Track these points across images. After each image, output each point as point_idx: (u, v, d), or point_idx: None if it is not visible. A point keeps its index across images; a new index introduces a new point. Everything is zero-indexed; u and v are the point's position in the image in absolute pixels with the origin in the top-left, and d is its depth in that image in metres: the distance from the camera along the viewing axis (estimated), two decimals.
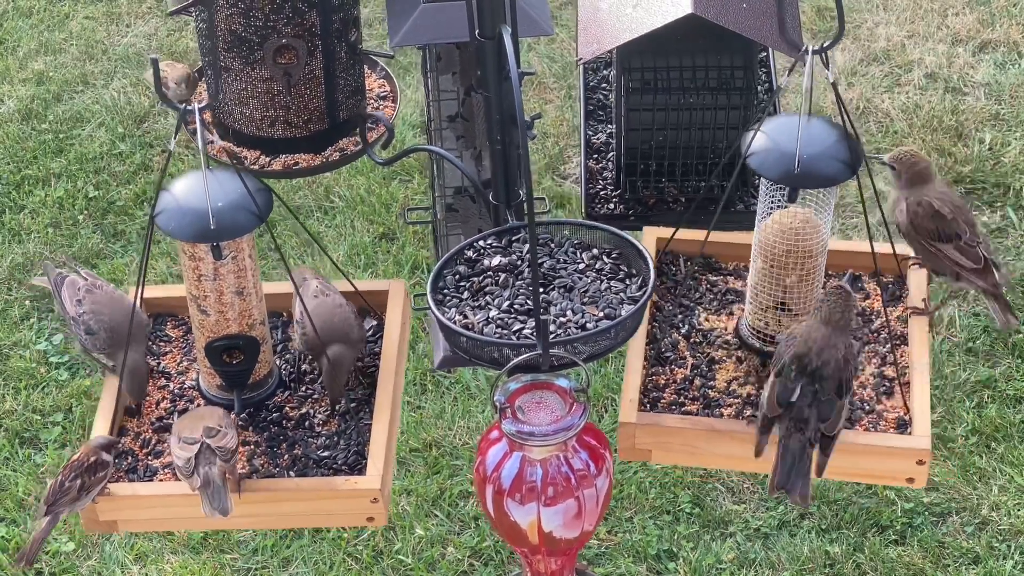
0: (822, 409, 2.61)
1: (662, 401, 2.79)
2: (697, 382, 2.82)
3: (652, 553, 4.10)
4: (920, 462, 2.71)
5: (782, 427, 2.63)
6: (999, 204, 4.97)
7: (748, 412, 2.76)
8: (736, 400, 2.79)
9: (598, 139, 3.28)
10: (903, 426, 2.76)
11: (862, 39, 5.64)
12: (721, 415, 2.76)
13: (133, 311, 2.80)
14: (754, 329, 2.82)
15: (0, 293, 4.88)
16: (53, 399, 4.54)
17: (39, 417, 4.50)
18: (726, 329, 2.90)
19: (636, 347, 2.84)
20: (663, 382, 2.82)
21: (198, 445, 2.65)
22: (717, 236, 2.95)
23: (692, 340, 2.89)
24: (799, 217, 2.70)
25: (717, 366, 2.85)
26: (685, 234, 2.95)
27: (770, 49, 3.23)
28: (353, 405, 2.86)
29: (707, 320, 2.93)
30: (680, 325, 2.91)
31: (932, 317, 2.93)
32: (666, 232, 2.97)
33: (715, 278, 3.00)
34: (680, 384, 2.82)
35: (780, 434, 2.63)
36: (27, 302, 4.80)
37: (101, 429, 2.80)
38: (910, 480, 2.74)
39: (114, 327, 2.87)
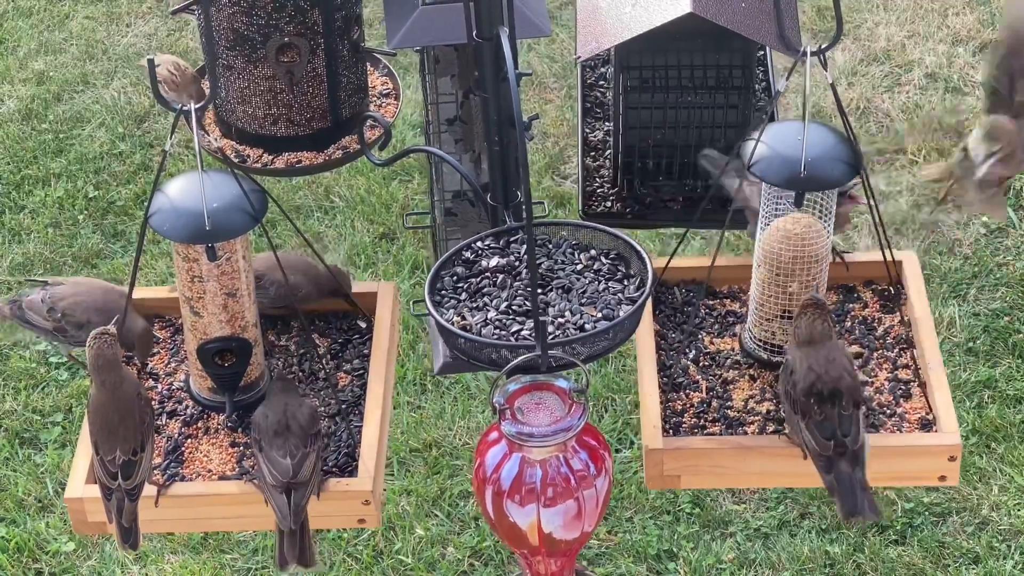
0: (843, 426, 2.60)
1: (684, 426, 2.78)
2: (715, 404, 2.81)
3: (652, 553, 4.09)
4: (952, 458, 2.70)
5: (824, 457, 2.62)
6: None
7: (772, 428, 2.76)
8: (757, 417, 2.78)
9: (595, 137, 3.28)
10: (927, 425, 2.75)
11: (862, 39, 5.64)
12: (746, 433, 2.76)
13: (128, 298, 2.79)
14: (760, 341, 2.81)
15: (0, 293, 4.88)
16: (53, 399, 4.54)
17: (39, 417, 4.50)
18: (733, 350, 2.90)
19: (649, 375, 2.83)
20: (680, 407, 2.81)
21: (115, 483, 2.64)
22: (707, 261, 2.93)
23: (702, 364, 2.88)
24: (802, 223, 2.69)
25: (731, 386, 2.84)
26: (678, 262, 2.96)
27: (767, 48, 3.23)
28: (344, 403, 2.86)
29: (712, 343, 2.92)
30: (687, 351, 2.90)
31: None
32: (660, 261, 2.96)
33: (712, 302, 3.00)
34: (698, 407, 2.81)
35: (823, 464, 2.62)
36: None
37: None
38: (942, 478, 2.73)
39: (98, 306, 2.87)
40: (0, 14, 6.00)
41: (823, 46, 2.57)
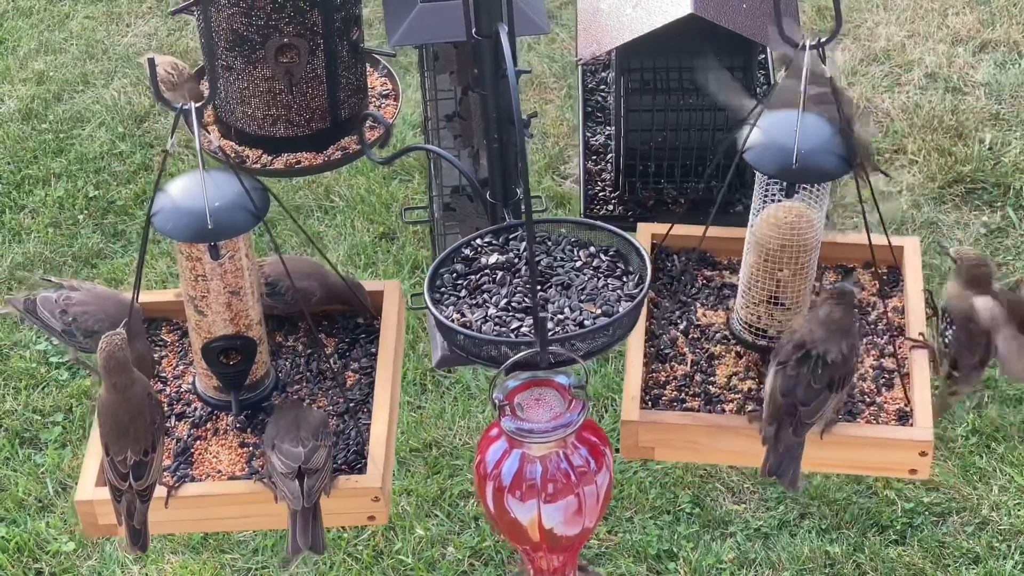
0: (807, 395, 2.61)
1: (663, 398, 2.79)
2: (698, 378, 2.82)
3: (652, 553, 4.09)
4: (923, 453, 2.71)
5: (774, 406, 2.64)
6: (999, 204, 4.97)
7: (750, 407, 2.76)
8: (737, 395, 2.79)
9: (596, 141, 3.28)
10: (904, 418, 2.76)
11: (862, 39, 5.64)
12: (723, 411, 2.77)
13: (132, 304, 2.79)
14: (746, 323, 2.82)
15: (0, 293, 4.88)
16: (53, 399, 4.54)
17: (39, 417, 4.50)
18: (724, 324, 2.91)
19: (635, 345, 2.84)
20: (664, 379, 2.83)
21: (126, 484, 2.63)
22: (711, 231, 2.94)
23: (691, 336, 2.89)
24: (793, 212, 2.70)
25: (717, 362, 2.85)
26: (679, 230, 2.96)
27: (768, 50, 3.24)
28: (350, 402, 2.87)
29: (704, 315, 2.93)
30: (678, 321, 2.91)
31: (934, 353, 2.92)
32: (661, 229, 2.97)
33: (711, 273, 3.00)
34: (681, 381, 2.82)
35: (770, 413, 2.64)
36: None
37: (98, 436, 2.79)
38: (913, 472, 2.73)
39: (110, 318, 2.86)
40: (0, 14, 6.01)
41: (822, 40, 2.57)
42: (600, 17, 2.98)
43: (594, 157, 3.26)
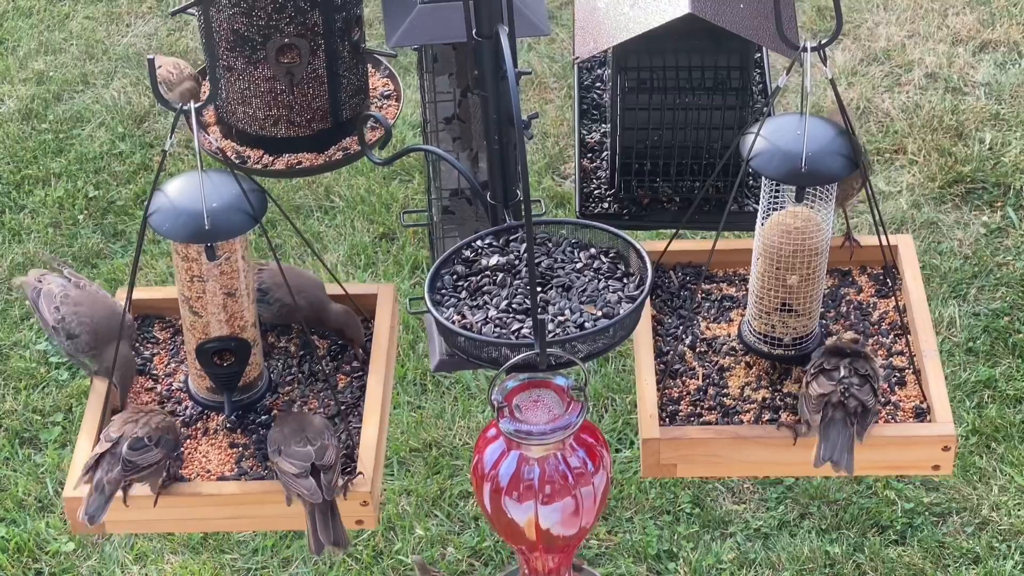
0: (861, 384, 2.65)
1: (680, 414, 2.79)
2: (711, 391, 2.82)
3: (652, 553, 4.09)
4: (946, 448, 2.71)
5: (821, 398, 2.65)
6: (999, 204, 4.97)
7: (767, 417, 2.76)
8: (752, 405, 2.79)
9: (592, 138, 3.28)
10: (921, 414, 2.76)
11: (862, 39, 5.64)
12: (741, 422, 2.76)
13: (125, 309, 2.79)
14: (760, 334, 2.81)
15: (0, 293, 4.88)
16: (53, 399, 4.54)
17: (39, 417, 4.50)
18: (729, 336, 2.90)
19: (646, 362, 2.83)
20: (677, 395, 2.82)
21: (116, 449, 2.64)
22: (706, 244, 2.94)
23: (698, 350, 2.89)
24: (800, 216, 2.70)
25: (728, 373, 2.85)
26: (675, 245, 2.96)
27: (764, 50, 3.23)
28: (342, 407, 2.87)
29: (708, 328, 2.93)
30: (683, 336, 2.91)
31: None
32: (658, 246, 2.97)
33: (708, 286, 3.00)
34: (694, 395, 2.82)
35: (815, 405, 2.65)
36: (27, 302, 4.80)
37: (88, 432, 2.79)
38: (936, 467, 2.73)
39: (95, 326, 2.86)
40: (0, 14, 6.00)
41: (823, 42, 2.57)
42: (597, 15, 2.98)
43: (589, 155, 3.25)
